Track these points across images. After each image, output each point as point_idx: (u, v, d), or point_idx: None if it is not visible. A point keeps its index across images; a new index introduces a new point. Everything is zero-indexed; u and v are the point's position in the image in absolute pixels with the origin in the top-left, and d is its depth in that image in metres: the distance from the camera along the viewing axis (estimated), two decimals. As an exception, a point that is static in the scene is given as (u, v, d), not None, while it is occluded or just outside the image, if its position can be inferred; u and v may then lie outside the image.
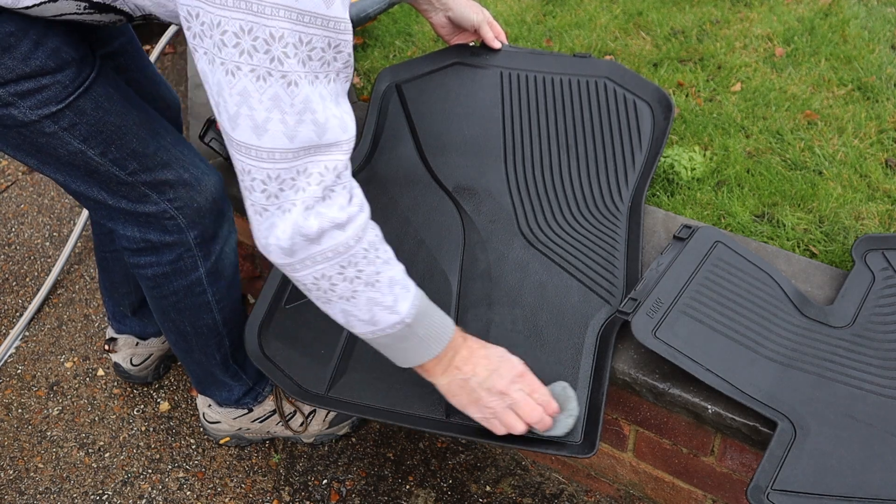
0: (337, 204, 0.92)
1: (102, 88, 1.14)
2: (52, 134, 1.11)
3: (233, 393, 1.50)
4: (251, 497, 1.53)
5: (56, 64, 1.07)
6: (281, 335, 1.29)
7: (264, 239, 0.94)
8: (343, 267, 0.95)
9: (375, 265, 0.97)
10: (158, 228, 1.25)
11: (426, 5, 1.51)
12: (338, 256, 0.94)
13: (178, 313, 1.35)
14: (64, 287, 1.96)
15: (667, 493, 1.40)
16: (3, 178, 2.32)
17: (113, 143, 1.16)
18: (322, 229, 0.91)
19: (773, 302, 1.21)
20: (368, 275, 0.97)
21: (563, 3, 2.13)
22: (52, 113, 1.09)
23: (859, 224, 1.43)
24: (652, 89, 1.54)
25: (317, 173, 0.89)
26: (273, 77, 0.82)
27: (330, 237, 0.92)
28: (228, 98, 0.85)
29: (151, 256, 1.29)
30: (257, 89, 0.83)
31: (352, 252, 0.94)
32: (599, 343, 1.22)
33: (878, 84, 1.75)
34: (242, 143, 0.87)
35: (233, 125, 0.87)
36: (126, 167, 1.18)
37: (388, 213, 1.43)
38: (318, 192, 0.90)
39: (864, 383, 1.11)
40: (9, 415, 1.69)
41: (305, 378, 1.23)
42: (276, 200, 0.89)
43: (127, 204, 1.22)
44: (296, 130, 0.86)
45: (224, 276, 1.35)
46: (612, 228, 1.36)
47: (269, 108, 0.84)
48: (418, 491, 1.52)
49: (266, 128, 0.85)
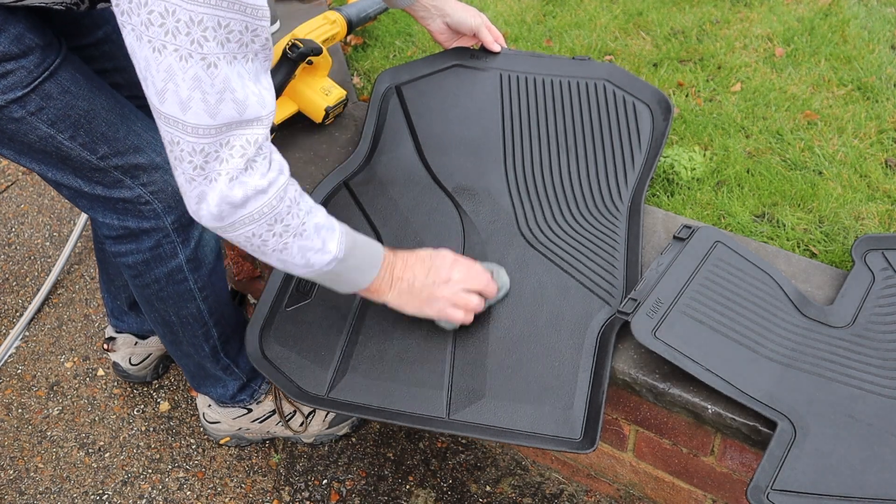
0: (258, 172, 0.99)
1: (68, 73, 1.16)
2: (20, 119, 1.13)
3: (227, 389, 1.50)
4: (251, 497, 1.53)
5: (20, 50, 1.09)
6: (281, 338, 1.29)
7: (195, 205, 1.00)
8: (270, 225, 1.02)
9: (299, 217, 1.05)
10: (135, 214, 1.26)
11: (423, 12, 1.51)
12: (264, 217, 1.01)
13: (161, 302, 1.36)
14: (64, 287, 1.96)
15: (667, 493, 1.40)
16: (3, 178, 2.32)
17: (81, 128, 1.17)
18: (246, 196, 0.98)
19: (773, 302, 1.21)
20: (295, 227, 1.04)
21: (563, 3, 2.13)
22: (19, 97, 1.11)
23: (859, 224, 1.43)
24: (651, 91, 1.55)
25: (239, 146, 0.95)
26: (194, 59, 0.88)
27: (254, 201, 1.00)
28: (156, 74, 0.90)
29: (131, 244, 1.29)
30: (181, 68, 0.89)
31: (276, 211, 1.02)
32: (599, 343, 1.22)
33: (878, 84, 1.75)
34: (170, 116, 0.92)
35: (160, 99, 0.91)
36: (96, 151, 1.19)
37: (387, 213, 1.43)
38: (240, 164, 0.96)
39: (864, 383, 1.11)
40: (9, 415, 1.69)
41: (306, 380, 1.24)
42: (203, 171, 0.96)
43: (102, 190, 1.23)
44: (217, 109, 0.91)
45: (205, 264, 1.35)
46: (612, 229, 1.36)
47: (192, 87, 0.89)
48: (418, 491, 1.52)
49: (189, 105, 0.91)
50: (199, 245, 1.33)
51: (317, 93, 1.60)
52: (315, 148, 1.63)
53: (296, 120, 1.65)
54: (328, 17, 1.67)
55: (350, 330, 1.28)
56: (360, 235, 1.15)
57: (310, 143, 1.64)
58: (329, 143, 1.63)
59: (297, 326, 1.30)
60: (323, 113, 1.60)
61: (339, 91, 1.62)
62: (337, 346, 1.27)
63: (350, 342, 1.27)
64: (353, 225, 1.41)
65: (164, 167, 1.25)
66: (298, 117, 1.66)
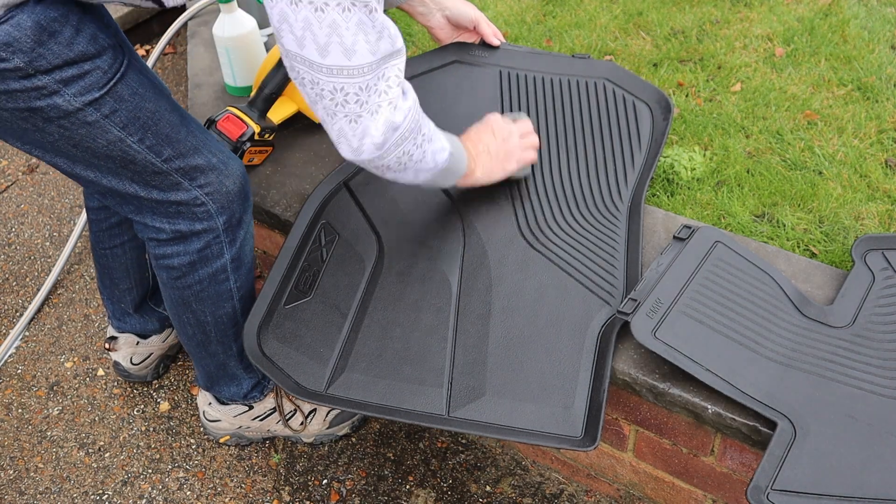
0: (410, 96, 1.11)
1: (135, 74, 1.16)
2: (93, 123, 1.12)
3: (241, 387, 1.50)
4: (251, 497, 1.53)
5: (95, 49, 1.09)
6: (280, 335, 1.29)
7: (358, 142, 1.07)
8: (415, 137, 1.12)
9: (426, 124, 1.16)
10: (188, 217, 1.26)
11: (421, 7, 1.51)
12: (412, 132, 1.11)
13: (199, 303, 1.35)
14: (64, 287, 1.97)
15: (667, 493, 1.40)
16: (3, 178, 2.32)
17: (149, 130, 1.17)
18: (404, 117, 1.09)
19: (773, 302, 1.21)
20: (426, 132, 1.15)
21: (563, 3, 2.13)
22: (95, 99, 1.10)
23: (859, 224, 1.43)
24: (651, 90, 1.54)
25: (393, 76, 1.06)
26: (357, 7, 0.98)
27: (407, 119, 1.10)
28: (318, 31, 0.98)
29: (179, 246, 1.29)
30: (344, 19, 0.98)
31: (418, 122, 1.12)
32: (600, 343, 1.22)
33: (878, 84, 1.76)
34: (334, 66, 1.01)
35: (323, 54, 1.00)
36: (161, 154, 1.19)
37: (387, 214, 1.43)
38: (398, 91, 1.07)
39: (864, 383, 1.11)
40: (9, 415, 1.69)
41: (305, 376, 1.24)
42: (367, 106, 1.05)
43: (158, 194, 1.23)
44: (377, 46, 1.01)
45: (244, 263, 1.36)
46: (612, 229, 1.36)
47: (355, 32, 0.99)
48: (418, 491, 1.52)
49: (354, 49, 1.00)
50: (242, 244, 1.34)
51: (317, 93, 1.60)
52: (315, 148, 1.63)
53: (296, 120, 1.66)
54: (328, 17, 1.66)
55: (349, 328, 1.28)
56: None
57: (310, 143, 1.64)
58: (329, 143, 1.63)
59: (295, 324, 1.30)
60: (323, 113, 1.60)
61: (339, 91, 1.62)
62: (336, 343, 1.27)
63: (349, 339, 1.27)
64: (353, 226, 1.42)
65: (220, 167, 1.26)
66: (298, 117, 1.66)
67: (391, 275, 1.34)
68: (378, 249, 1.38)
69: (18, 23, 1.02)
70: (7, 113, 1.09)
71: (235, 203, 1.29)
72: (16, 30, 1.02)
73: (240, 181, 1.29)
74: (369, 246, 1.39)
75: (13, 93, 1.06)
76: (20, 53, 1.03)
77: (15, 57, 1.03)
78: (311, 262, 1.37)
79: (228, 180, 1.27)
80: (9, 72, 1.04)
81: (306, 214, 1.43)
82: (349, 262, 1.37)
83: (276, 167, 1.59)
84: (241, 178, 1.30)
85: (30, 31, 1.03)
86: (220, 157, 1.27)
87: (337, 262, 1.37)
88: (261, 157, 1.57)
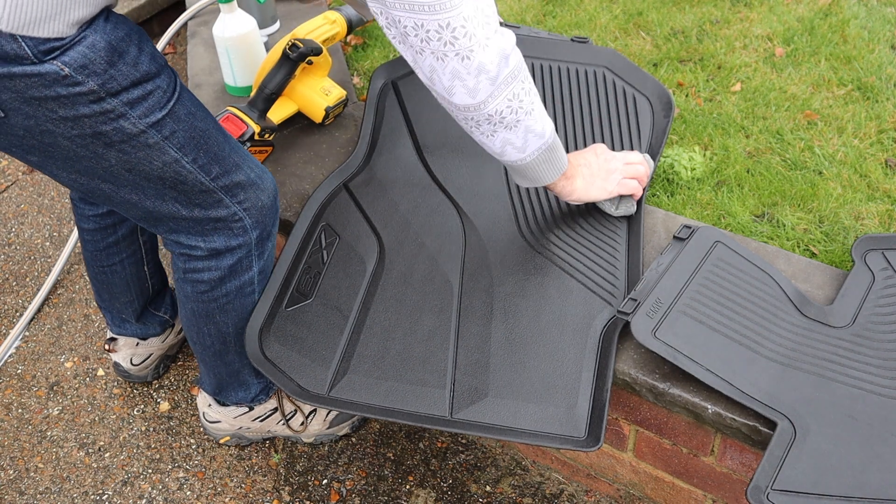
0: (507, 32, 1.08)
1: (187, 93, 1.14)
2: (153, 145, 1.09)
3: (250, 392, 1.50)
4: (251, 497, 1.53)
5: (156, 68, 1.06)
6: (281, 338, 1.29)
7: (474, 81, 1.05)
8: (523, 80, 1.10)
9: (529, 77, 1.13)
10: (224, 233, 1.24)
11: None
12: (520, 71, 1.09)
13: (224, 315, 1.34)
14: (64, 287, 1.96)
15: (667, 493, 1.40)
16: (3, 178, 2.32)
17: (201, 149, 1.15)
18: (512, 45, 1.07)
19: (773, 302, 1.21)
20: (532, 87, 1.12)
21: (563, 3, 2.13)
22: (157, 121, 1.07)
23: (859, 224, 1.44)
24: (652, 83, 1.54)
25: (487, 5, 1.03)
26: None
27: (514, 53, 1.08)
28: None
29: (211, 261, 1.27)
30: None
31: (522, 66, 1.10)
32: (602, 343, 1.22)
33: (878, 84, 1.76)
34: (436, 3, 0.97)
35: None
36: (210, 172, 1.17)
37: (388, 216, 1.43)
38: (495, 24, 1.04)
39: (864, 383, 1.12)
40: (9, 415, 1.69)
41: (307, 379, 1.24)
42: (476, 38, 1.02)
43: (199, 212, 1.20)
44: None
45: (267, 275, 1.35)
46: (613, 229, 1.37)
47: None
48: (418, 491, 1.52)
49: None
50: (269, 256, 1.33)
51: (317, 93, 1.61)
52: (315, 148, 1.63)
53: (296, 120, 1.66)
54: (328, 17, 1.67)
55: (351, 330, 1.28)
56: None
57: (310, 143, 1.64)
58: (329, 143, 1.63)
59: (297, 326, 1.30)
60: (323, 113, 1.61)
61: (339, 91, 1.62)
62: (338, 345, 1.27)
63: (351, 342, 1.27)
64: (353, 227, 1.42)
65: (257, 182, 1.24)
66: (298, 117, 1.66)
67: (392, 276, 1.34)
68: (379, 251, 1.38)
69: (93, 44, 0.98)
70: (67, 141, 1.05)
71: (268, 217, 1.28)
72: (91, 51, 0.98)
73: (273, 195, 1.28)
74: (370, 247, 1.39)
75: (80, 119, 1.02)
76: (94, 76, 0.99)
77: (90, 80, 0.99)
78: (312, 264, 1.37)
79: (264, 195, 1.26)
80: (82, 96, 1.00)
81: (306, 216, 1.43)
82: (350, 263, 1.37)
83: (276, 167, 1.59)
84: (274, 191, 1.29)
85: (103, 52, 0.99)
86: (256, 171, 1.25)
87: (338, 263, 1.37)
88: (261, 157, 1.57)
